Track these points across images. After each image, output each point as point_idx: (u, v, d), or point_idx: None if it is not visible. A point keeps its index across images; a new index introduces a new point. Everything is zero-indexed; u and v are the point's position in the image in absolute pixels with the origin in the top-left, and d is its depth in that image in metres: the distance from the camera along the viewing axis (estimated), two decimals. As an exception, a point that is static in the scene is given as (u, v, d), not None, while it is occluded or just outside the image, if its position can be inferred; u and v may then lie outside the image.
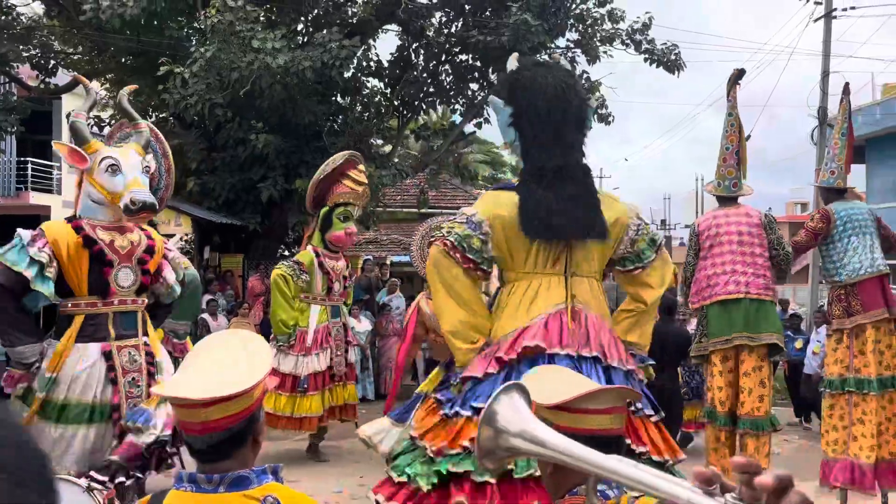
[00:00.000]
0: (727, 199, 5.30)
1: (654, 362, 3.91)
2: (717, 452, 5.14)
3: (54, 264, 3.82)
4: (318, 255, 7.10)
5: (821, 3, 14.59)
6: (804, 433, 9.00)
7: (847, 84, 5.73)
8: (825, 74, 14.35)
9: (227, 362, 1.67)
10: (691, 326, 7.31)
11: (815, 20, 14.62)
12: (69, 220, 4.06)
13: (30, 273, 3.74)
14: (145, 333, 4.12)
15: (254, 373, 1.65)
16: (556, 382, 1.63)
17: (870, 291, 5.19)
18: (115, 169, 4.03)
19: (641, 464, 0.99)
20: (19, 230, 3.89)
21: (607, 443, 1.58)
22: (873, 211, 5.80)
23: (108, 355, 3.89)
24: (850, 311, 5.21)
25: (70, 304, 3.94)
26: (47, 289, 3.80)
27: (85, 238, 3.91)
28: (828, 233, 5.35)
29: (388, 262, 13.69)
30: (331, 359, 7.06)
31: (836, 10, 14.58)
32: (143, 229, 4.25)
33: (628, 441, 3.24)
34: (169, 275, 4.26)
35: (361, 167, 7.28)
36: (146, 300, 4.19)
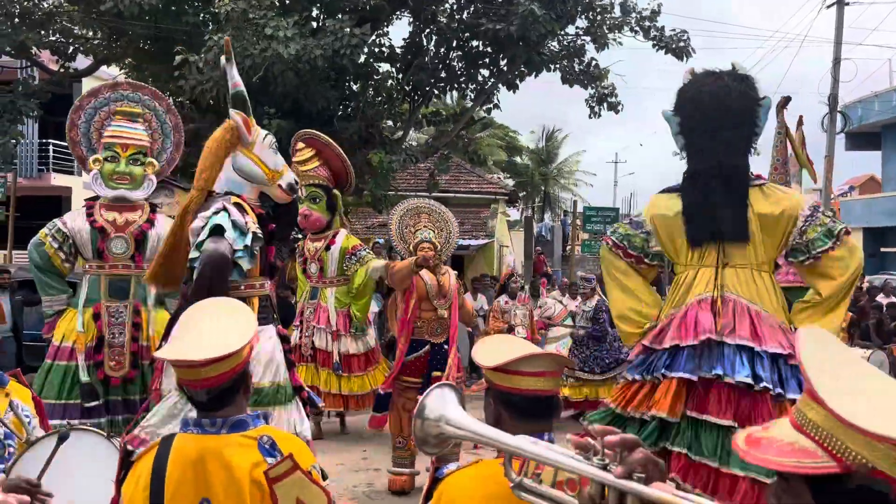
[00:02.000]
0: None
1: None
2: None
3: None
4: (305, 238, 7.42)
5: (834, -10, 14.56)
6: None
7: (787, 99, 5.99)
8: (837, 61, 14.34)
9: (217, 326, 1.95)
10: None
11: (828, 6, 14.60)
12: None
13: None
14: None
15: (242, 335, 1.93)
16: (502, 350, 1.84)
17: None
18: (276, 148, 4.01)
19: (538, 440, 1.25)
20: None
21: (540, 401, 1.80)
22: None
23: None
24: None
25: (244, 286, 3.84)
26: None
27: (260, 217, 3.82)
28: None
29: (398, 246, 13.93)
30: (300, 339, 7.06)
31: (849, -4, 14.55)
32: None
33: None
34: None
35: (300, 145, 7.06)
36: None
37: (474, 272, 15.22)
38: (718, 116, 3.81)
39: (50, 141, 18.66)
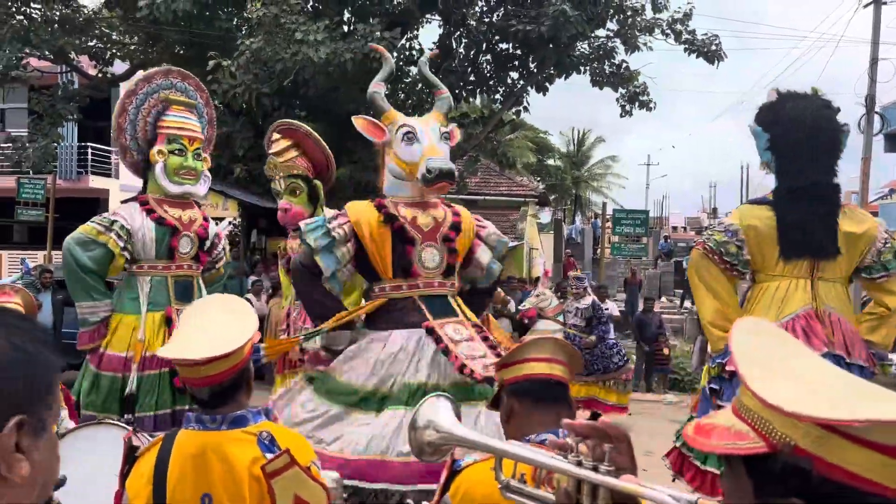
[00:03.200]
0: None
1: (893, 361, 4.29)
2: None
3: (349, 244, 3.71)
4: (287, 237, 6.39)
5: (871, -11, 14.30)
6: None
7: None
8: (874, 61, 14.09)
9: (218, 324, 1.97)
10: None
11: (865, 6, 14.35)
12: (373, 200, 3.85)
13: (317, 244, 3.64)
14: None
15: (243, 332, 1.94)
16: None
17: None
18: (411, 137, 3.77)
19: (520, 442, 1.33)
20: (325, 210, 3.87)
21: (550, 385, 1.82)
22: None
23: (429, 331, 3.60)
24: None
25: (377, 289, 3.77)
26: (326, 263, 3.66)
27: (386, 215, 3.71)
28: None
29: (427, 247, 13.98)
30: None
31: (886, -5, 14.27)
32: (448, 206, 3.99)
33: None
34: (483, 255, 3.99)
35: (276, 136, 6.31)
36: (458, 283, 3.93)
37: (503, 274, 15.22)
38: (816, 140, 4.01)
39: (88, 144, 19.08)
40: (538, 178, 30.46)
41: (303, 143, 6.35)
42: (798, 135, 3.99)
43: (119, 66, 14.00)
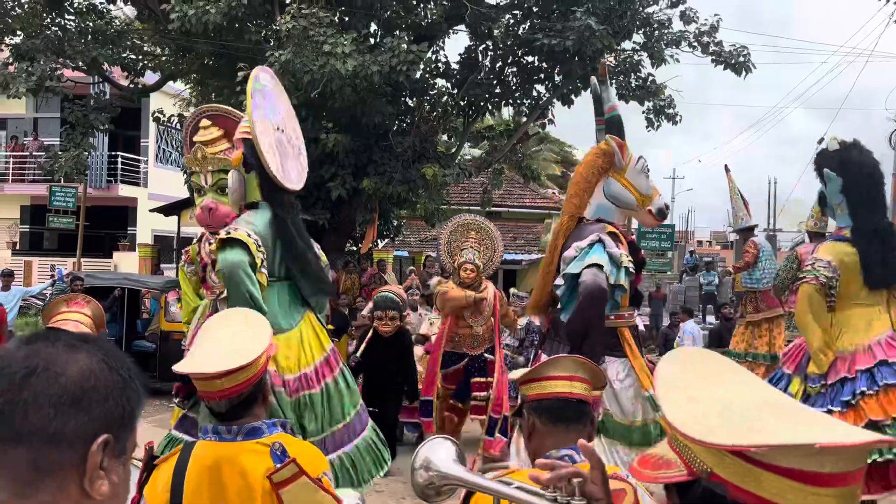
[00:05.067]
0: (817, 235, 7.38)
1: None
2: None
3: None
4: (200, 240, 4.94)
5: (903, 3, 14.12)
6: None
7: (726, 165, 8.86)
8: (905, 76, 13.91)
9: (233, 338, 2.00)
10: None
11: (896, 21, 14.19)
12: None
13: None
14: None
15: (257, 345, 1.98)
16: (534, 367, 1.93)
17: (770, 296, 7.92)
18: (648, 169, 3.93)
19: (509, 479, 1.41)
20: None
21: (570, 404, 1.84)
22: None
23: None
24: (759, 309, 8.05)
25: (614, 316, 3.77)
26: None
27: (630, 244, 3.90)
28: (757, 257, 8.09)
29: (451, 259, 13.98)
30: None
31: (919, 9, 14.08)
32: None
33: None
34: None
35: (205, 122, 4.86)
36: None
37: (525, 287, 15.18)
38: (880, 185, 4.60)
39: (119, 153, 19.36)
40: (563, 190, 30.36)
41: (235, 133, 5.09)
42: (867, 181, 4.51)
43: (150, 77, 14.23)
